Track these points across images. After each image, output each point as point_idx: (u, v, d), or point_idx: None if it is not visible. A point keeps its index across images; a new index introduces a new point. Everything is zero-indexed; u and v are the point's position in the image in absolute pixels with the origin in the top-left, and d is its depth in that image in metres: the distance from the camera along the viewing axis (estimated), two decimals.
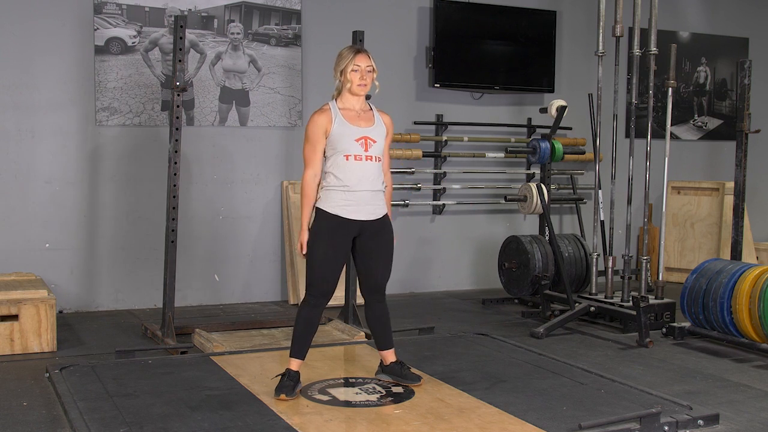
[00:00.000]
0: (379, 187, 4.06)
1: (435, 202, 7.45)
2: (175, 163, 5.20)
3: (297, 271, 6.69)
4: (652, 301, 5.85)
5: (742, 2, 8.85)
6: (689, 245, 8.12)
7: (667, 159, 6.11)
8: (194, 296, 6.70)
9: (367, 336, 5.26)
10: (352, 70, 3.98)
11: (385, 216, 4.11)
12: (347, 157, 3.95)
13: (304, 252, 3.97)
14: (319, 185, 4.04)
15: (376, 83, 4.11)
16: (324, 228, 3.98)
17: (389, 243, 4.13)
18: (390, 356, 4.26)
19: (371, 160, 3.99)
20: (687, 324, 5.65)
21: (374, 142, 4.01)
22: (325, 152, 4.02)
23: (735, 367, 4.94)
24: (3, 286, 5.31)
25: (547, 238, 6.71)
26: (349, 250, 4.09)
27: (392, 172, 7.07)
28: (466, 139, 7.48)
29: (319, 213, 4.01)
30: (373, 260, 4.10)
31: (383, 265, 4.13)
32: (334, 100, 4.07)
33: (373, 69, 4.04)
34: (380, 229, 4.08)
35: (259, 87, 6.83)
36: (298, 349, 4.05)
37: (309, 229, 4.01)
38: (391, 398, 4.03)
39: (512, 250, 6.85)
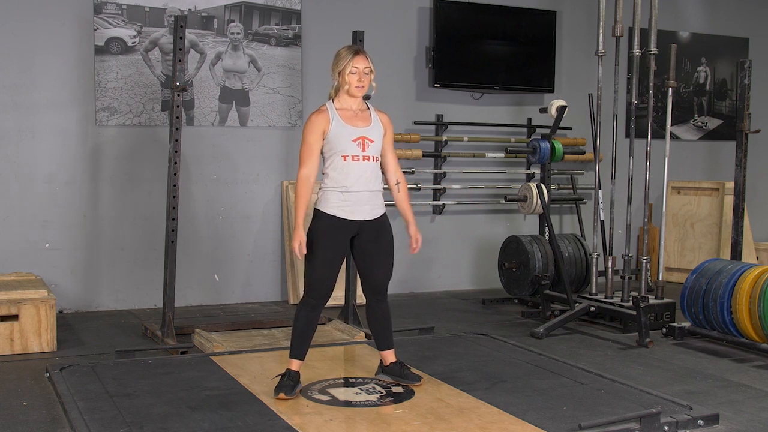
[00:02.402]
0: (378, 187, 4.06)
1: (435, 202, 7.46)
2: (175, 163, 5.20)
3: (297, 271, 6.69)
4: (652, 301, 5.85)
5: (742, 2, 8.85)
6: (689, 245, 8.12)
7: (667, 159, 6.12)
8: (194, 296, 6.70)
9: (367, 336, 5.26)
10: (350, 72, 3.98)
11: (384, 216, 4.11)
12: (345, 157, 3.96)
13: (300, 252, 3.93)
14: (318, 187, 4.05)
15: (374, 84, 4.10)
16: (322, 229, 3.99)
17: (389, 243, 4.13)
18: (390, 356, 4.26)
19: (369, 160, 3.99)
20: (687, 324, 5.65)
21: (372, 142, 4.01)
22: (323, 153, 4.02)
23: (735, 367, 4.94)
24: (3, 286, 5.31)
25: (547, 238, 6.71)
26: (347, 250, 4.09)
27: None
28: (466, 139, 7.48)
29: (318, 214, 4.02)
30: (373, 260, 4.10)
31: (384, 265, 4.13)
32: (331, 101, 4.07)
33: (371, 70, 4.03)
34: (379, 228, 4.08)
35: (259, 87, 6.83)
36: (298, 350, 4.05)
37: (308, 230, 4.00)
38: (391, 398, 4.03)
39: (512, 250, 6.85)
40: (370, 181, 4.01)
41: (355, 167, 3.96)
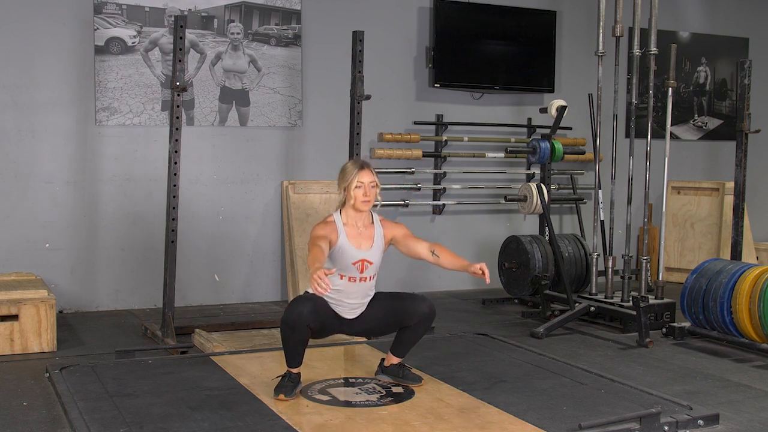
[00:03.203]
0: (370, 295, 4.12)
1: (435, 202, 7.46)
2: (175, 163, 5.20)
3: (297, 271, 6.69)
4: (652, 301, 5.86)
5: (742, 2, 8.85)
6: (689, 245, 8.12)
7: (667, 159, 6.12)
8: (194, 296, 6.70)
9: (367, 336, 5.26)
10: (356, 187, 4.00)
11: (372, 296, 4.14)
12: (342, 276, 4.00)
13: (321, 283, 3.59)
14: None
15: (379, 197, 4.12)
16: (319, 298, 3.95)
17: (380, 303, 4.12)
18: (394, 360, 4.26)
19: (365, 280, 4.06)
20: (687, 324, 5.65)
21: (370, 264, 4.04)
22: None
23: (735, 367, 4.94)
24: (3, 286, 5.31)
25: (547, 238, 6.71)
26: (333, 328, 4.09)
27: (392, 173, 7.20)
28: (466, 139, 7.48)
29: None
30: (381, 325, 4.14)
31: (392, 318, 4.12)
32: (338, 212, 4.08)
33: (377, 184, 4.05)
34: (368, 308, 4.12)
35: (259, 87, 6.83)
36: (293, 360, 4.01)
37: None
38: (391, 398, 4.03)
39: (512, 250, 6.85)
40: (363, 295, 4.09)
41: (351, 286, 4.03)
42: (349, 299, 4.05)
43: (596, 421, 3.60)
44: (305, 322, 3.84)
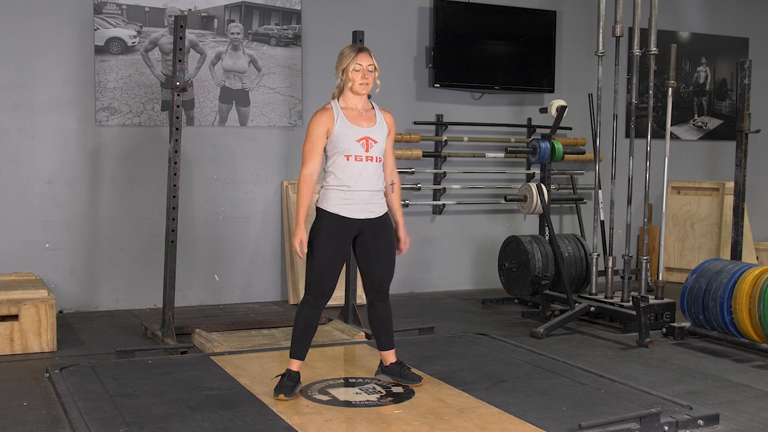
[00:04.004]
0: (379, 186, 4.06)
1: (435, 202, 7.46)
2: (175, 163, 5.20)
3: (297, 271, 6.70)
4: (652, 301, 5.86)
5: (742, 2, 8.85)
6: (689, 245, 8.12)
7: (667, 159, 6.12)
8: (194, 296, 6.70)
9: (367, 336, 5.27)
10: (354, 69, 3.98)
11: (386, 215, 4.11)
12: (348, 157, 3.96)
13: (300, 250, 3.93)
14: (320, 186, 4.05)
15: (378, 82, 4.11)
16: (324, 228, 3.99)
17: (390, 243, 4.13)
18: (390, 357, 4.26)
19: (371, 160, 4.00)
20: (687, 324, 5.65)
21: (375, 142, 4.01)
22: (325, 151, 4.02)
23: (735, 367, 4.94)
24: (3, 286, 5.31)
25: (547, 238, 6.71)
26: (349, 249, 4.09)
27: None
28: (466, 139, 7.48)
29: (319, 212, 4.03)
30: (374, 260, 4.10)
31: (385, 266, 4.13)
32: (335, 99, 4.07)
33: (375, 68, 4.04)
34: (380, 228, 4.08)
35: (259, 87, 6.83)
36: (298, 350, 4.05)
37: (309, 229, 4.01)
38: (391, 398, 4.03)
39: (512, 250, 6.85)
40: (372, 180, 4.02)
41: (357, 167, 3.97)
42: (360, 187, 3.97)
43: (596, 421, 3.60)
44: (330, 292, 3.99)
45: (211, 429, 3.57)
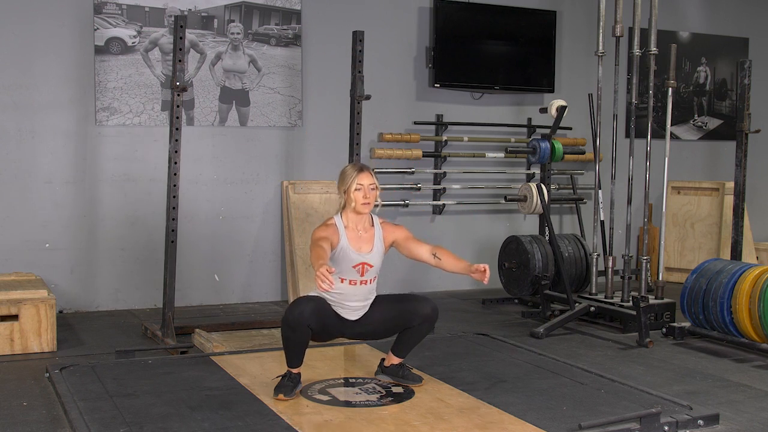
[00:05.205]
0: (371, 298, 4.12)
1: (435, 202, 7.46)
2: (175, 163, 5.20)
3: (297, 271, 6.69)
4: (652, 301, 5.86)
5: (742, 2, 8.85)
6: (689, 245, 8.12)
7: (667, 159, 6.12)
8: (194, 296, 6.70)
9: None
10: (356, 189, 4.00)
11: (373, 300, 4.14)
12: (342, 280, 4.00)
13: (326, 278, 3.59)
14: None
15: (379, 200, 4.11)
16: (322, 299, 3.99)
17: (382, 306, 4.12)
18: (394, 360, 4.26)
19: (366, 283, 4.06)
20: (687, 324, 5.65)
21: (371, 267, 4.05)
22: None
23: (735, 367, 4.94)
24: (3, 286, 5.31)
25: (547, 238, 6.71)
26: (334, 330, 4.08)
27: (392, 173, 7.19)
28: (466, 139, 7.48)
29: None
30: (390, 323, 4.12)
31: (407, 310, 4.10)
32: (339, 215, 4.09)
33: (376, 186, 4.06)
34: (370, 310, 4.12)
35: (259, 87, 6.83)
36: (293, 361, 4.01)
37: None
38: (391, 398, 4.03)
39: (512, 250, 6.85)
40: (364, 297, 4.09)
41: (351, 288, 4.03)
42: (350, 302, 4.05)
43: (596, 421, 3.60)
44: (306, 323, 3.84)
45: (211, 429, 3.56)
